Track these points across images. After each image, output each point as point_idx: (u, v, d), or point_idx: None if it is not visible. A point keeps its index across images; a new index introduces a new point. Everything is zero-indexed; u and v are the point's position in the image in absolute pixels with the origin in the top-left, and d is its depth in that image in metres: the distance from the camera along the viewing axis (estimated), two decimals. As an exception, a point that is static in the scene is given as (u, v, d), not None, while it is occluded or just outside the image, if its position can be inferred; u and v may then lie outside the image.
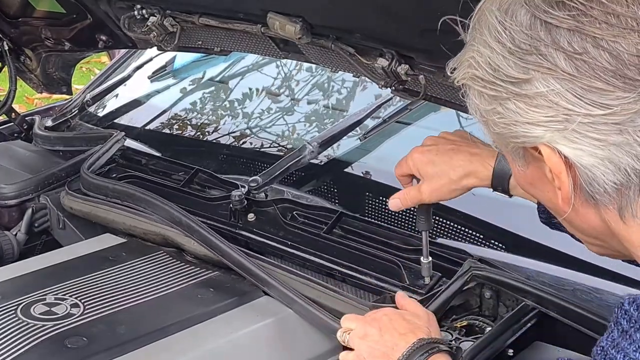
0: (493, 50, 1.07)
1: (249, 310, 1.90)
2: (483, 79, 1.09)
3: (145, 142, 2.78)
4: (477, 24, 1.11)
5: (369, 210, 2.37)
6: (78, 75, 5.80)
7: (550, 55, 1.03)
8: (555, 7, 1.04)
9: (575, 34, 1.02)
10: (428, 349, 1.45)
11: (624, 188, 1.06)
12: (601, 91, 1.02)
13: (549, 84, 1.04)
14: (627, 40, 1.01)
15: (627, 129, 1.02)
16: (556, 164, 1.07)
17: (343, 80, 2.88)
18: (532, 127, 1.06)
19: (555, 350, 1.69)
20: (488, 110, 1.10)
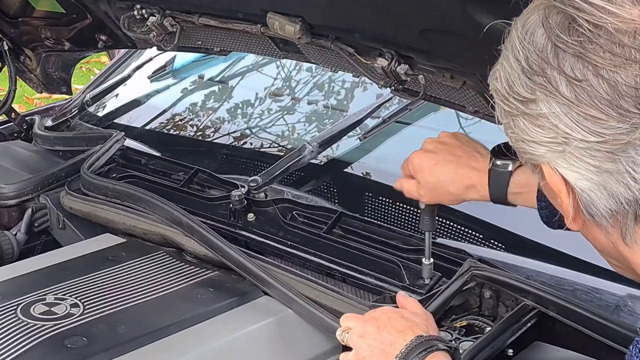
0: (511, 66, 1.10)
1: (248, 310, 1.90)
2: (501, 93, 1.12)
3: (145, 142, 2.78)
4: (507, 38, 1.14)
5: (369, 210, 2.37)
6: (78, 75, 5.80)
7: (554, 79, 1.05)
8: (566, 32, 1.05)
9: (579, 60, 1.04)
10: (426, 347, 1.46)
11: (619, 215, 1.08)
12: (595, 119, 1.03)
13: (551, 106, 1.06)
14: (627, 71, 1.02)
15: (620, 158, 1.04)
16: (556, 184, 1.10)
17: (343, 80, 2.88)
18: (536, 145, 1.09)
19: (555, 350, 1.69)
20: (504, 123, 1.13)
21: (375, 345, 1.51)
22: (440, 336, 1.54)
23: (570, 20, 1.05)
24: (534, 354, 1.70)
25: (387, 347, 1.49)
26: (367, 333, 1.54)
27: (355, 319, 1.59)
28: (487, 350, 1.61)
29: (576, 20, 1.04)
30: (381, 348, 1.50)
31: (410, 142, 2.57)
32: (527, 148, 1.11)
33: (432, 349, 1.46)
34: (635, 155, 1.03)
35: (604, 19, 1.03)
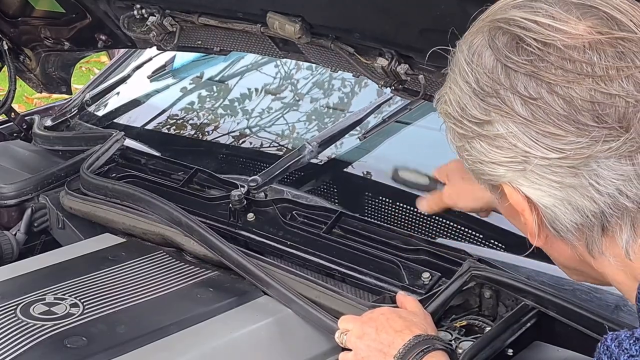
0: (461, 90, 1.10)
1: (248, 310, 1.90)
2: (453, 116, 1.12)
3: (145, 142, 2.78)
4: (452, 61, 1.14)
5: (369, 210, 2.37)
6: (78, 75, 5.80)
7: (509, 99, 1.05)
8: (515, 52, 1.05)
9: (531, 79, 1.04)
10: (424, 347, 1.46)
11: (585, 228, 1.08)
12: (554, 136, 1.04)
13: (507, 126, 1.06)
14: (580, 86, 1.03)
15: (582, 172, 1.04)
16: (518, 203, 1.10)
17: (343, 79, 2.88)
18: (495, 166, 1.09)
19: (555, 350, 1.69)
20: (459, 146, 1.14)
21: (374, 346, 1.51)
22: (438, 335, 1.54)
23: (518, 40, 1.06)
24: (533, 354, 1.70)
25: (385, 347, 1.50)
26: (365, 334, 1.54)
27: (353, 320, 1.59)
28: (486, 350, 1.61)
29: (524, 40, 1.05)
30: (379, 349, 1.50)
31: (410, 142, 2.58)
32: (486, 169, 1.11)
33: (429, 349, 1.46)
34: (598, 168, 1.04)
35: (551, 36, 1.04)
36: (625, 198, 1.04)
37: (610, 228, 1.07)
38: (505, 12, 1.08)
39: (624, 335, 1.04)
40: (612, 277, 1.13)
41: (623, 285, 1.13)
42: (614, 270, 1.11)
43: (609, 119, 1.02)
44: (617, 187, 1.04)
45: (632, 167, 1.03)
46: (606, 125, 1.02)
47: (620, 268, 1.10)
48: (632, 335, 1.03)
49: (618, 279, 1.12)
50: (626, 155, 1.03)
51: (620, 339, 1.04)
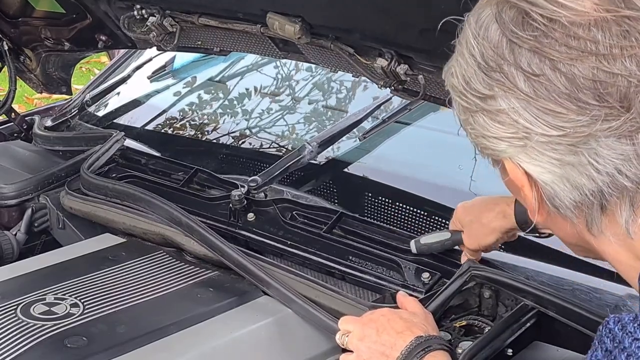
0: (467, 63, 1.10)
1: (248, 310, 1.90)
2: (458, 89, 1.12)
3: (145, 142, 2.78)
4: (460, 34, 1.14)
5: (369, 210, 2.37)
6: (78, 75, 5.80)
7: (512, 75, 1.06)
8: (521, 27, 1.05)
9: (535, 55, 1.04)
10: (425, 347, 1.46)
11: (583, 206, 1.09)
12: (555, 113, 1.04)
13: (510, 102, 1.06)
14: (584, 64, 1.03)
15: (582, 150, 1.05)
16: (519, 178, 1.11)
17: (342, 80, 2.88)
18: (497, 141, 1.10)
19: (555, 350, 1.69)
20: (463, 120, 1.14)
21: (376, 347, 1.51)
22: (439, 335, 1.54)
23: (524, 14, 1.05)
24: (533, 354, 1.70)
25: (387, 349, 1.50)
26: (366, 336, 1.54)
27: (354, 322, 1.59)
28: (486, 349, 1.61)
29: (530, 15, 1.05)
30: (382, 350, 1.50)
31: (410, 142, 2.58)
32: (488, 144, 1.11)
33: (430, 349, 1.46)
34: (597, 147, 1.04)
35: (557, 12, 1.04)
36: (624, 177, 1.05)
37: (609, 207, 1.07)
38: None
39: (628, 319, 1.03)
40: (612, 257, 1.13)
41: (622, 265, 1.13)
42: (615, 249, 1.11)
43: (610, 98, 1.02)
44: (616, 167, 1.04)
45: (631, 146, 1.03)
46: (607, 105, 1.02)
47: (621, 247, 1.10)
48: (636, 318, 1.03)
49: (619, 258, 1.12)
50: (626, 135, 1.03)
51: (623, 322, 1.03)
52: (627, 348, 1.02)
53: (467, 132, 1.14)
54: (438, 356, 1.46)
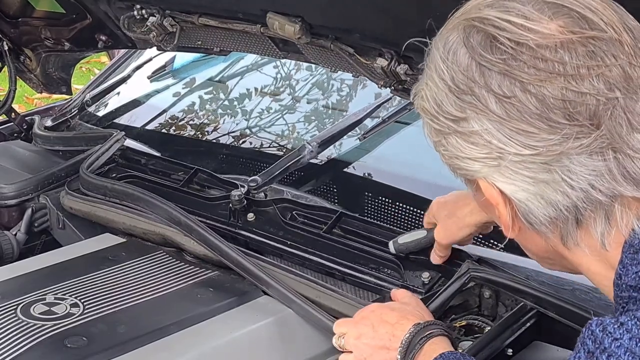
0: (437, 86, 1.12)
1: (248, 310, 1.90)
2: (430, 112, 1.14)
3: (145, 142, 2.78)
4: (428, 57, 1.16)
5: (369, 210, 2.37)
6: (78, 75, 5.80)
7: (483, 97, 1.08)
8: (489, 50, 1.08)
9: (505, 77, 1.07)
10: (425, 333, 1.47)
11: (559, 221, 1.11)
12: (527, 133, 1.06)
13: (482, 123, 1.09)
14: (553, 84, 1.05)
15: (555, 168, 1.07)
16: (493, 197, 1.13)
17: (342, 80, 2.88)
18: (471, 161, 1.12)
19: (554, 350, 1.69)
20: (436, 141, 1.16)
21: (374, 343, 1.52)
22: (436, 320, 1.55)
23: (492, 38, 1.08)
24: (533, 354, 1.71)
25: (386, 341, 1.50)
26: (362, 334, 1.54)
27: (347, 323, 1.60)
28: (486, 349, 1.61)
29: (497, 39, 1.07)
30: (381, 344, 1.51)
31: (410, 142, 2.58)
32: (462, 164, 1.13)
33: (431, 335, 1.47)
34: (570, 164, 1.06)
35: (524, 36, 1.06)
36: (598, 192, 1.07)
37: (584, 221, 1.10)
38: (480, 10, 1.10)
39: (609, 321, 1.06)
40: (586, 267, 1.16)
41: (597, 276, 1.16)
42: (589, 260, 1.14)
43: (580, 117, 1.05)
44: (590, 182, 1.07)
45: (603, 162, 1.06)
46: (577, 123, 1.05)
47: (596, 258, 1.13)
48: (617, 320, 1.05)
49: (593, 269, 1.15)
50: (597, 152, 1.06)
51: (605, 324, 1.06)
52: (608, 348, 1.04)
53: (439, 153, 1.17)
54: (439, 342, 1.47)
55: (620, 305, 1.11)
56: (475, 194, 1.18)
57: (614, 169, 1.06)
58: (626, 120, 1.06)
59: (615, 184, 1.07)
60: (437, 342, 1.47)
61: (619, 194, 1.08)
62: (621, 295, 1.10)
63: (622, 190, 1.07)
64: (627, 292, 1.09)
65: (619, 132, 1.06)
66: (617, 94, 1.05)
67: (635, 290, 1.08)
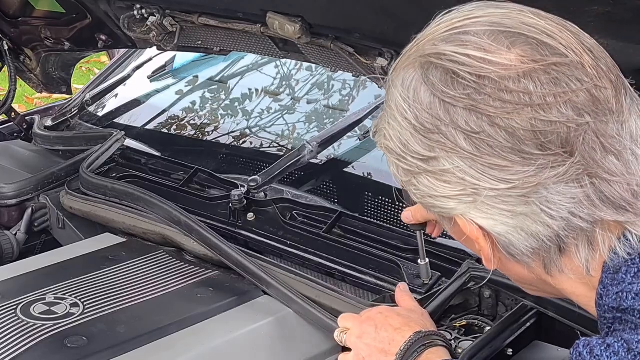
0: (401, 125, 1.09)
1: (248, 309, 1.90)
2: (396, 152, 1.12)
3: (145, 142, 2.78)
4: (387, 95, 1.13)
5: (369, 210, 2.37)
6: (78, 75, 5.80)
7: (451, 135, 1.05)
8: (451, 86, 1.05)
9: (472, 113, 1.04)
10: (425, 342, 1.46)
11: (541, 251, 1.09)
12: (501, 167, 1.04)
13: (453, 161, 1.06)
14: (520, 116, 1.02)
15: (533, 200, 1.05)
16: (473, 233, 1.10)
17: (343, 80, 2.88)
18: (445, 199, 1.09)
19: (554, 350, 1.70)
20: (405, 181, 1.13)
21: (375, 344, 1.51)
22: (438, 331, 1.54)
23: (452, 74, 1.05)
24: (533, 354, 1.71)
25: (386, 345, 1.50)
26: (365, 333, 1.54)
27: (352, 319, 1.59)
28: (486, 349, 1.62)
29: (458, 74, 1.04)
30: (380, 347, 1.51)
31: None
32: (436, 203, 1.11)
33: (430, 344, 1.46)
34: (548, 194, 1.04)
35: (485, 69, 1.03)
36: (579, 219, 1.05)
37: (567, 248, 1.08)
38: (435, 46, 1.07)
39: (596, 342, 1.05)
40: (570, 292, 1.14)
41: (582, 298, 1.14)
42: (574, 285, 1.12)
43: (552, 146, 1.02)
44: (570, 210, 1.04)
45: (581, 189, 1.04)
46: (551, 152, 1.02)
47: (580, 282, 1.11)
48: (604, 342, 1.04)
49: (577, 292, 1.13)
50: (574, 179, 1.03)
51: (592, 345, 1.05)
52: None
53: (410, 192, 1.14)
54: (437, 352, 1.47)
55: (605, 325, 1.10)
56: (453, 230, 1.16)
57: (592, 194, 1.04)
58: (599, 144, 1.03)
59: (595, 210, 1.05)
60: (434, 351, 1.46)
61: (600, 219, 1.05)
62: (605, 315, 1.09)
63: (602, 215, 1.05)
64: (611, 313, 1.08)
65: (593, 157, 1.03)
66: (587, 118, 1.03)
67: (618, 311, 1.07)
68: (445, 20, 1.10)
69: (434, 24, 1.11)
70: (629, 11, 1.38)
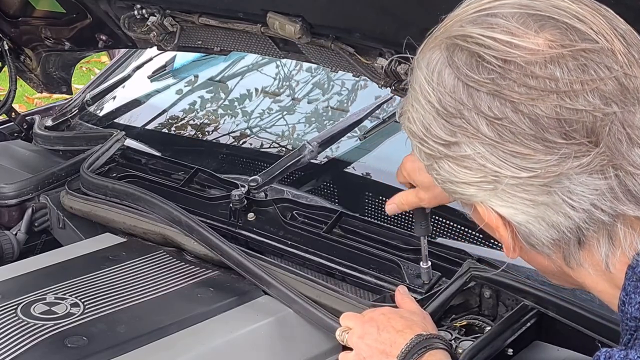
0: (424, 109, 1.08)
1: (248, 309, 1.90)
2: (418, 135, 1.10)
3: (145, 142, 2.78)
4: (412, 77, 1.11)
5: (369, 210, 2.37)
6: (78, 75, 5.80)
7: (473, 120, 1.03)
8: (475, 70, 1.03)
9: (495, 98, 1.02)
10: (426, 345, 1.46)
11: (561, 243, 1.07)
12: (523, 155, 1.02)
13: (475, 147, 1.04)
14: (545, 103, 1.00)
15: (555, 190, 1.03)
16: (493, 221, 1.09)
17: (343, 80, 2.88)
18: (466, 186, 1.08)
19: (555, 350, 1.69)
20: (427, 165, 1.12)
21: (376, 345, 1.51)
22: (439, 334, 1.54)
23: (477, 57, 1.03)
24: (533, 354, 1.71)
25: (387, 347, 1.50)
26: (367, 334, 1.54)
27: (355, 319, 1.59)
28: (487, 349, 1.61)
29: (483, 58, 1.02)
30: (382, 348, 1.51)
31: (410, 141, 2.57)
32: (456, 189, 1.09)
33: (431, 347, 1.46)
34: (571, 185, 1.02)
35: (511, 53, 1.01)
36: (601, 212, 1.03)
37: (586, 242, 1.06)
38: (462, 27, 1.06)
39: (618, 356, 1.03)
40: (592, 287, 1.13)
41: (604, 294, 1.12)
42: (594, 280, 1.11)
43: (577, 135, 1.00)
44: (592, 202, 1.03)
45: (604, 181, 1.02)
46: (575, 142, 1.01)
47: (601, 278, 1.09)
48: (626, 355, 1.02)
49: (599, 287, 1.12)
50: (598, 170, 1.01)
51: (614, 357, 1.03)
52: None
53: (432, 177, 1.12)
54: (437, 355, 1.47)
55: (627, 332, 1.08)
56: (474, 217, 1.14)
57: (615, 187, 1.02)
58: (626, 135, 1.01)
59: (617, 203, 1.03)
60: (435, 354, 1.46)
61: (622, 213, 1.03)
62: (628, 323, 1.07)
63: (624, 209, 1.03)
64: (634, 322, 1.06)
65: (618, 148, 1.01)
66: (615, 108, 1.00)
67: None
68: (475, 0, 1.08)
69: (464, 3, 1.09)
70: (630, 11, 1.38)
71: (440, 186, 1.12)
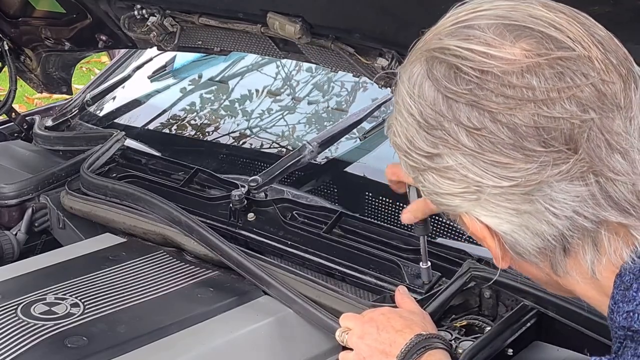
0: (407, 122, 1.09)
1: (248, 309, 1.91)
2: (403, 148, 1.11)
3: (145, 142, 2.78)
4: (396, 91, 1.12)
5: (369, 210, 2.37)
6: (78, 75, 5.80)
7: (453, 131, 1.04)
8: (454, 81, 1.03)
9: (473, 108, 1.02)
10: (425, 345, 1.46)
11: (547, 251, 1.08)
12: (503, 164, 1.02)
13: (456, 158, 1.05)
14: (523, 112, 1.01)
15: (537, 198, 1.03)
16: (479, 231, 1.10)
17: (343, 81, 2.88)
18: (450, 197, 1.08)
19: (555, 350, 1.70)
20: (414, 177, 1.12)
21: (375, 345, 1.52)
22: (439, 334, 1.54)
23: (455, 69, 1.03)
24: (533, 354, 1.71)
25: (387, 347, 1.50)
26: (366, 334, 1.54)
27: (354, 319, 1.59)
28: (486, 349, 1.61)
29: (461, 69, 1.03)
30: (381, 348, 1.51)
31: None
32: (442, 200, 1.10)
33: (430, 347, 1.46)
34: (551, 192, 1.02)
35: (488, 63, 1.02)
36: (583, 219, 1.04)
37: (572, 249, 1.07)
38: (440, 40, 1.06)
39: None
40: (582, 294, 1.13)
41: (594, 300, 1.13)
42: (583, 287, 1.11)
43: (555, 143, 1.01)
44: (574, 209, 1.03)
45: (585, 187, 1.02)
46: (554, 149, 1.01)
47: (589, 285, 1.10)
48: None
49: (588, 294, 1.12)
50: (578, 177, 1.02)
51: None
52: None
53: (420, 189, 1.13)
54: (437, 355, 1.47)
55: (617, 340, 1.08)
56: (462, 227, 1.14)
57: (597, 193, 1.02)
58: (605, 141, 1.01)
59: (599, 209, 1.03)
60: (434, 354, 1.46)
61: (605, 220, 1.04)
62: (617, 332, 1.08)
63: (607, 216, 1.03)
64: (622, 330, 1.06)
65: (598, 154, 1.01)
66: (592, 114, 1.00)
67: (629, 330, 1.05)
68: (453, 13, 1.09)
69: (444, 17, 1.10)
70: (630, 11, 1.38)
71: (427, 198, 1.13)
